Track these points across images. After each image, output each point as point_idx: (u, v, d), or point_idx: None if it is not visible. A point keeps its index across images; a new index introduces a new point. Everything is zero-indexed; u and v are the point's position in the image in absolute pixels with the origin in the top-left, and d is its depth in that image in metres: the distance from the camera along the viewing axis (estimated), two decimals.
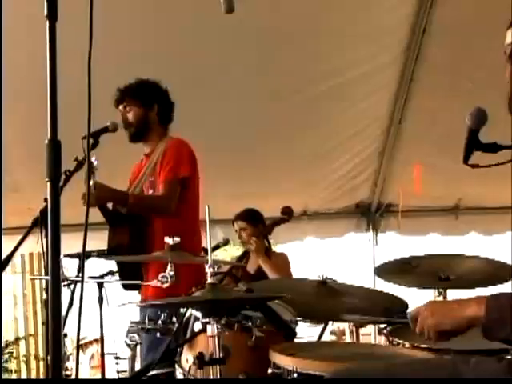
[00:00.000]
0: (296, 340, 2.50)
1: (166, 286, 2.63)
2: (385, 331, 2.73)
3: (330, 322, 3.28)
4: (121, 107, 3.68)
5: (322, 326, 3.33)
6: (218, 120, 5.24)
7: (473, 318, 1.61)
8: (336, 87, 5.21)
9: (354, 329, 3.01)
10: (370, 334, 6.21)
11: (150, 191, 3.63)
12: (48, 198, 1.53)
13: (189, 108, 4.66)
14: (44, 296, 3.26)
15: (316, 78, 5.14)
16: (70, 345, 6.15)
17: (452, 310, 1.68)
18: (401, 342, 2.44)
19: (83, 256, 2.57)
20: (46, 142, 1.56)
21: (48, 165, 1.54)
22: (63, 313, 2.78)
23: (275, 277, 4.59)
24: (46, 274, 3.03)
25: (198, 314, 2.16)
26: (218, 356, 2.04)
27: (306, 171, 6.20)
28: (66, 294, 2.96)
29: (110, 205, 3.57)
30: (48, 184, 1.55)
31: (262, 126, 5.48)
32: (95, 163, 3.20)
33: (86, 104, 1.81)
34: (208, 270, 2.01)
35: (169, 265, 2.64)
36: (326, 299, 2.74)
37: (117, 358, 3.88)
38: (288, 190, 6.31)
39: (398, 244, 7.04)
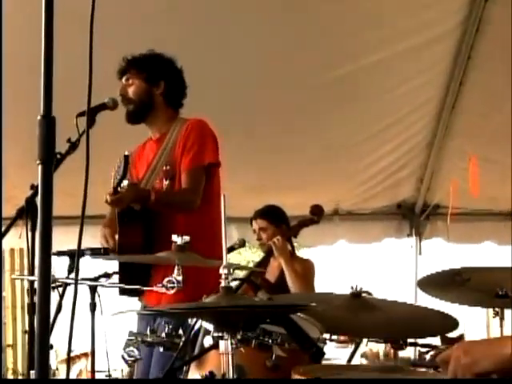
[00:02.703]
0: (323, 362, 2.50)
1: (172, 292, 2.64)
2: (429, 355, 2.74)
3: (363, 343, 3.28)
4: (124, 79, 3.70)
5: (352, 347, 3.33)
6: (233, 97, 5.23)
7: None
8: (377, 64, 5.20)
9: (392, 351, 3.01)
10: (410, 359, 6.20)
11: (166, 182, 3.63)
12: (39, 183, 1.55)
13: (201, 82, 4.68)
14: (26, 299, 3.27)
15: (354, 51, 5.13)
16: (54, 358, 6.19)
17: (490, 348, 1.68)
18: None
19: (78, 254, 2.59)
20: (39, 118, 1.57)
21: (40, 145, 1.55)
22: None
23: (295, 285, 4.59)
24: (30, 273, 3.05)
25: (209, 327, 2.17)
26: (230, 377, 2.04)
27: (338, 163, 6.20)
28: (53, 298, 2.99)
29: None
30: (39, 167, 1.56)
31: (289, 107, 5.47)
32: (131, 157, 3.27)
33: (82, 76, 1.82)
34: (222, 271, 2.01)
35: (176, 267, 2.65)
36: (360, 315, 2.74)
37: (109, 375, 3.90)
38: (317, 184, 6.31)
39: (445, 253, 7.03)
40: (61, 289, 3.03)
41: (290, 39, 4.90)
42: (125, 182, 3.26)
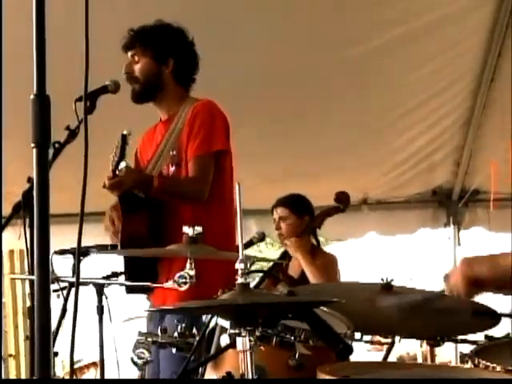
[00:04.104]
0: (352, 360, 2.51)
1: (184, 288, 2.66)
2: (469, 351, 2.73)
3: (396, 341, 3.27)
4: (129, 54, 3.68)
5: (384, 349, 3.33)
6: (250, 81, 5.23)
7: None
8: (406, 36, 5.17)
9: (428, 348, 3.01)
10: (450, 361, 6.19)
11: (172, 168, 3.65)
12: (34, 168, 1.56)
13: (216, 66, 4.67)
14: (28, 304, 3.30)
15: (381, 23, 5.10)
16: (60, 368, 6.23)
17: (490, 259, 1.93)
18: (490, 364, 2.43)
19: (78, 251, 2.61)
20: (32, 97, 1.59)
21: (34, 126, 1.56)
22: (53, 325, 2.83)
23: (316, 280, 4.61)
24: (30, 273, 3.08)
25: (225, 324, 2.19)
26: (250, 377, 2.06)
27: (365, 147, 6.19)
28: (56, 302, 3.01)
29: None
30: (34, 151, 1.57)
31: (310, 85, 5.45)
32: (128, 137, 3.28)
33: (81, 57, 1.83)
34: (238, 265, 2.03)
35: (188, 261, 2.67)
36: (391, 309, 2.74)
37: None
38: (343, 171, 6.32)
39: (487, 243, 6.99)
40: (65, 292, 3.05)
41: (307, 15, 4.89)
42: (122, 164, 3.27)
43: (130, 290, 3.53)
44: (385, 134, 6.10)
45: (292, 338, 2.38)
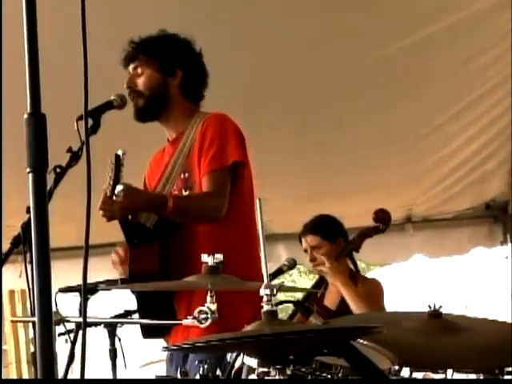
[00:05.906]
0: None
1: (205, 325, 2.66)
2: None
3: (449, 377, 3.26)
4: (131, 67, 3.69)
5: None
6: (270, 91, 5.25)
7: None
8: (448, 32, 5.17)
9: None
10: None
11: (186, 193, 3.62)
12: (30, 194, 1.57)
13: (232, 70, 4.70)
14: (32, 350, 3.31)
15: (419, 17, 5.10)
16: None
17: None
18: None
19: (84, 287, 2.63)
20: (26, 116, 1.60)
21: (29, 148, 1.58)
22: (60, 371, 2.84)
23: (361, 311, 4.57)
24: (33, 314, 3.09)
25: (252, 362, 2.19)
26: None
27: (407, 159, 6.18)
28: (64, 347, 3.02)
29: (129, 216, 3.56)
30: (30, 176, 1.59)
31: (341, 96, 5.48)
32: (122, 157, 3.27)
33: (80, 71, 1.86)
34: (263, 291, 2.02)
35: (208, 294, 2.67)
36: (441, 340, 2.73)
37: None
38: (382, 187, 6.30)
39: None
40: (72, 334, 3.06)
41: (332, 15, 4.90)
42: (119, 188, 3.24)
43: (146, 334, 3.52)
44: (428, 142, 6.08)
45: (328, 376, 2.38)
